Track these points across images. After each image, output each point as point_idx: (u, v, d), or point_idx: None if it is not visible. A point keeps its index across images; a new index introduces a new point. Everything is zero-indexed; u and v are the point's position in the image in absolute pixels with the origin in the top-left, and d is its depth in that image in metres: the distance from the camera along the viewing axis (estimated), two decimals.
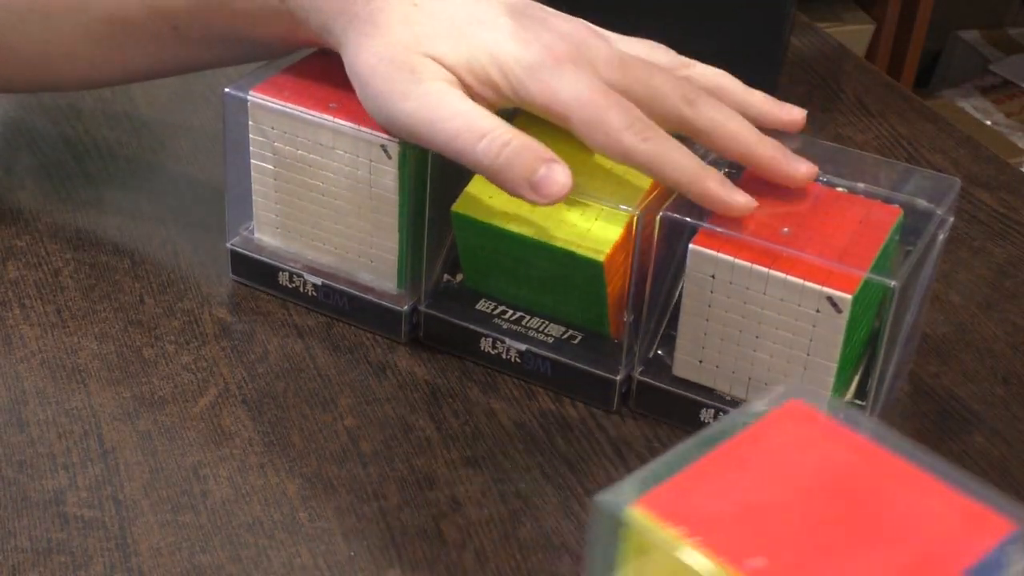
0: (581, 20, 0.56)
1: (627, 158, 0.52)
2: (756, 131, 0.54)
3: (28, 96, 0.76)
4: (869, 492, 0.36)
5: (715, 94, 0.55)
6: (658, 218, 0.53)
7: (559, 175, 0.50)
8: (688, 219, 0.53)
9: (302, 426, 0.55)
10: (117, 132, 0.73)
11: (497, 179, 0.52)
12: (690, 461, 0.37)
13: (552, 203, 0.51)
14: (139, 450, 0.53)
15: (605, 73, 0.53)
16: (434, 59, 0.53)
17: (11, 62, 0.63)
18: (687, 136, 0.54)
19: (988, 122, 1.94)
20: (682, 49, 0.59)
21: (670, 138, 0.53)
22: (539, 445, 0.54)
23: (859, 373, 0.55)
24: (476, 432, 0.55)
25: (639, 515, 0.35)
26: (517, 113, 0.57)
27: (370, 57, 0.53)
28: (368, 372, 0.58)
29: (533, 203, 0.51)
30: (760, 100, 0.57)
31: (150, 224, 0.66)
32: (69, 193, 0.68)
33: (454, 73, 0.53)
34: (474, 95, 0.53)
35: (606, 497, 0.36)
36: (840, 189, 0.56)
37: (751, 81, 0.58)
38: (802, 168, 0.54)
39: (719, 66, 0.58)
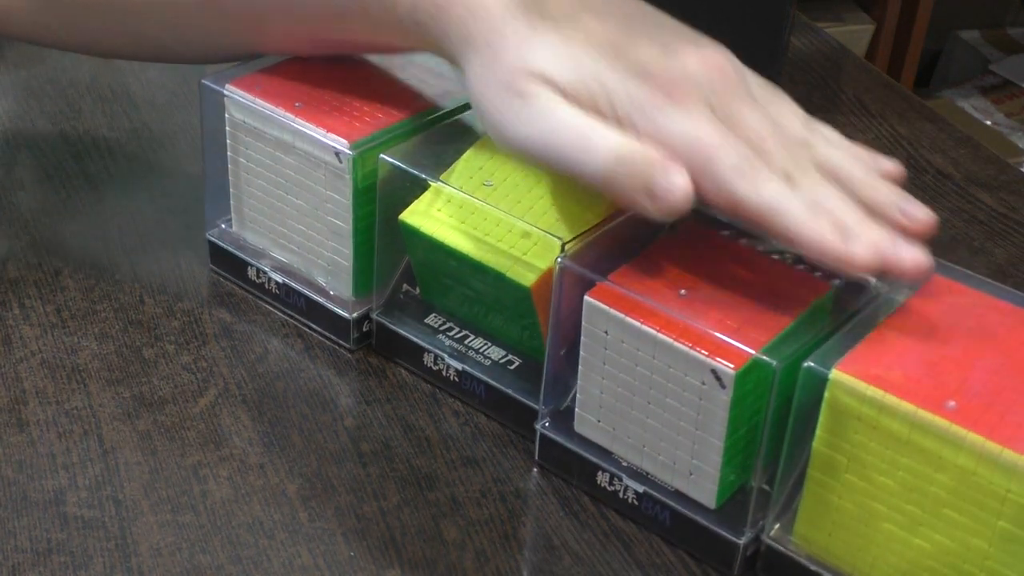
0: (720, 48, 0.51)
1: (735, 211, 0.47)
2: (880, 179, 0.50)
3: (28, 96, 0.76)
4: (1019, 344, 0.46)
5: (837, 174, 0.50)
6: (557, 266, 0.49)
7: (678, 180, 0.46)
8: (584, 270, 0.49)
9: (302, 426, 0.54)
10: (117, 132, 0.73)
11: (613, 188, 0.48)
12: (865, 334, 0.46)
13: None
14: (139, 450, 0.53)
15: (723, 111, 0.49)
16: (544, 81, 0.50)
17: None
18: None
19: (988, 122, 1.94)
20: None
21: (784, 187, 0.47)
22: None
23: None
24: (476, 432, 0.55)
25: (843, 377, 0.44)
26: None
27: (482, 84, 0.51)
28: (368, 372, 0.58)
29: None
30: (886, 193, 0.50)
31: (150, 224, 0.66)
32: (69, 193, 0.68)
33: (563, 95, 0.50)
34: None
35: (809, 363, 0.44)
36: (776, 257, 0.51)
37: None
38: (920, 212, 0.48)
39: None
